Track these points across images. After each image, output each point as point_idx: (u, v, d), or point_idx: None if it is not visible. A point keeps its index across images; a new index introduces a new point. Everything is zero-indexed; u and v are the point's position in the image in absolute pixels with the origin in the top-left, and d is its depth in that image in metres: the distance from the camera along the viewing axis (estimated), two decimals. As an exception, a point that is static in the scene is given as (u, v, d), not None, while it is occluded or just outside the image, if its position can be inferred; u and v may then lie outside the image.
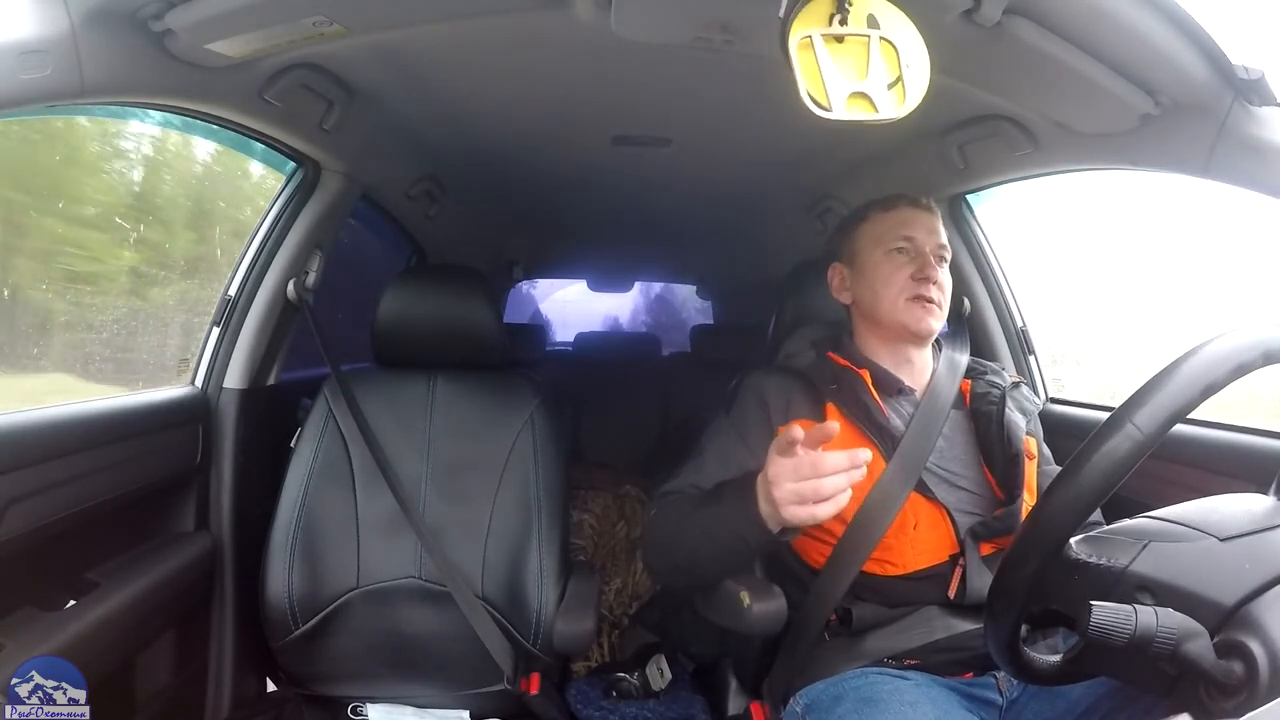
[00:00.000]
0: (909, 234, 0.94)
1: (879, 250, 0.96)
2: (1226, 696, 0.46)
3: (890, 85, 0.61)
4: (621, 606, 1.81)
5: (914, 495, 0.87)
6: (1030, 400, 0.99)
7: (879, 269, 0.95)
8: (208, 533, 1.16)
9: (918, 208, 0.97)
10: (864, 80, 0.61)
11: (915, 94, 0.62)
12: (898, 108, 0.61)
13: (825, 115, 0.60)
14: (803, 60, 0.60)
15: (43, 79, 0.66)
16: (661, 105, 1.17)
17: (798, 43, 0.59)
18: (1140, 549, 0.52)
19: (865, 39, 0.61)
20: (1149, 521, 0.55)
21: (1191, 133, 0.79)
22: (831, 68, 0.60)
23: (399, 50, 0.95)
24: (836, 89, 0.60)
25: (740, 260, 2.48)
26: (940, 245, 0.95)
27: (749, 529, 0.76)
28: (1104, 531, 0.56)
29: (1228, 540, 0.51)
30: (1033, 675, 0.59)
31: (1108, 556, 0.53)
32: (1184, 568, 0.51)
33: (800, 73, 0.60)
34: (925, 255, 0.93)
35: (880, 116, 0.61)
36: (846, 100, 0.60)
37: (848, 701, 0.79)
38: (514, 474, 1.16)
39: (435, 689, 1.12)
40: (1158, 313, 1.60)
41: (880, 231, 0.96)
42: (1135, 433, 0.50)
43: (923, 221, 0.95)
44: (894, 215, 0.96)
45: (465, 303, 1.19)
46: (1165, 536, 0.53)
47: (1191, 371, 0.51)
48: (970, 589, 0.84)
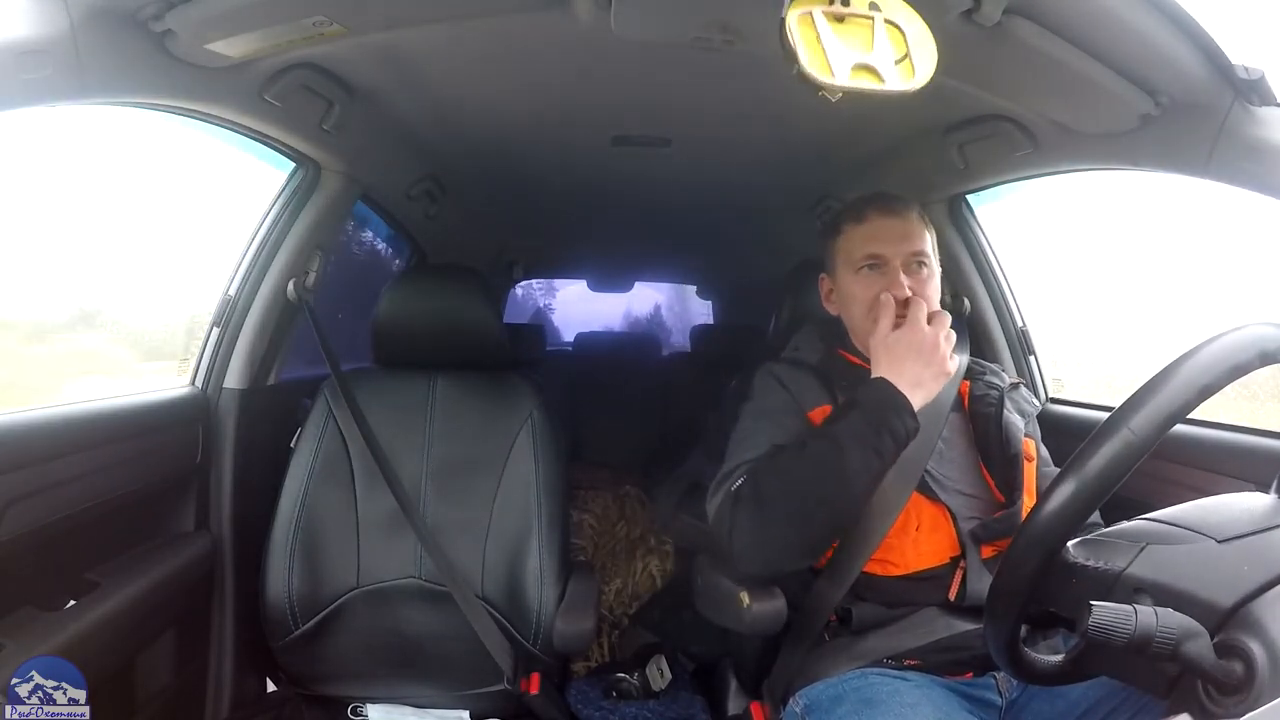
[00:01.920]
0: (875, 250, 0.91)
1: (848, 270, 0.94)
2: (1226, 696, 0.46)
3: (898, 61, 0.59)
4: (621, 606, 1.81)
5: (916, 496, 0.87)
6: (1029, 401, 0.99)
7: (849, 290, 0.94)
8: (208, 533, 1.16)
9: (888, 214, 0.93)
10: (870, 53, 0.58)
11: (925, 69, 0.59)
12: (907, 80, 0.58)
13: (829, 83, 0.56)
14: (803, 34, 0.56)
15: (43, 79, 0.65)
16: (661, 105, 1.17)
17: (798, 18, 0.56)
18: (1138, 552, 0.52)
19: (869, 19, 0.58)
20: (1146, 524, 0.55)
21: (1191, 133, 0.79)
22: (834, 40, 0.57)
23: (399, 50, 0.95)
24: (840, 60, 0.57)
25: (740, 260, 2.48)
26: (914, 252, 0.91)
27: (901, 420, 0.79)
28: (1101, 535, 0.56)
29: (1225, 542, 0.51)
30: (1033, 675, 0.59)
31: (1105, 560, 0.53)
32: (1181, 570, 0.50)
33: (802, 46, 0.56)
34: (894, 269, 0.90)
35: (889, 87, 0.58)
36: (851, 70, 0.57)
37: (848, 702, 0.79)
38: (514, 474, 1.15)
39: (435, 689, 1.12)
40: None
41: (849, 249, 0.94)
42: (1131, 436, 0.50)
43: (892, 231, 0.92)
44: (862, 230, 0.93)
45: (465, 303, 1.19)
46: (1163, 539, 0.53)
47: (1188, 374, 0.51)
48: (970, 591, 0.84)
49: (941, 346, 0.84)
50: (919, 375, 0.82)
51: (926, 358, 0.83)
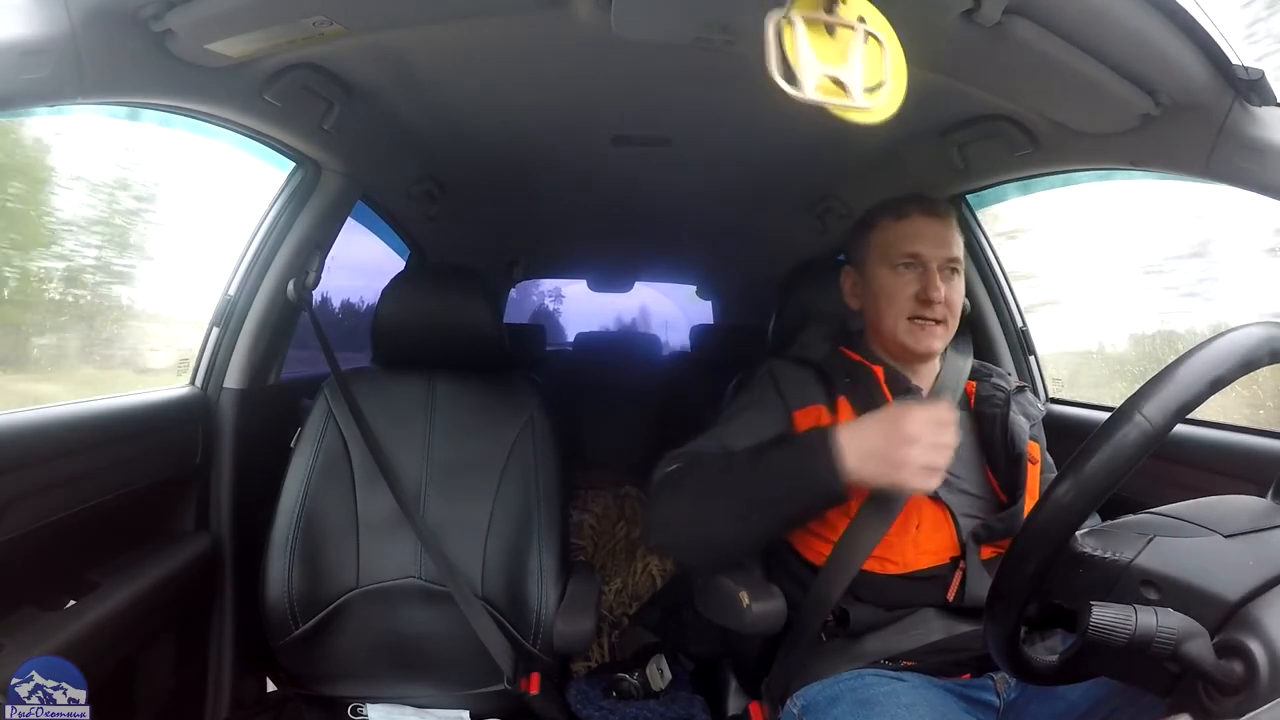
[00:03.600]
0: (915, 250, 0.91)
1: (884, 265, 0.93)
2: (1226, 696, 0.46)
3: (869, 89, 0.59)
4: (621, 606, 1.81)
5: (917, 495, 0.86)
6: (1034, 405, 0.99)
7: (883, 285, 0.93)
8: (208, 533, 1.16)
9: (930, 216, 0.92)
10: (841, 66, 0.58)
11: (891, 102, 0.60)
12: (869, 113, 0.59)
13: (794, 94, 0.58)
14: (786, 39, 0.58)
15: (43, 79, 0.65)
16: (661, 105, 1.17)
17: (776, 22, 0.57)
18: (1145, 543, 0.52)
19: (851, 29, 0.59)
20: (1154, 516, 0.56)
21: (1191, 133, 0.79)
22: (808, 49, 0.58)
23: (399, 50, 0.95)
24: (809, 70, 0.58)
25: (740, 260, 2.48)
26: (950, 258, 0.91)
27: (816, 482, 0.75)
28: (1110, 525, 0.56)
29: (1232, 537, 0.51)
30: (1032, 675, 0.59)
31: (1113, 550, 0.53)
32: (1189, 563, 0.51)
33: (774, 51, 0.57)
34: (932, 273, 0.90)
35: (851, 103, 0.58)
36: (818, 82, 0.58)
37: (844, 703, 0.79)
38: (514, 474, 1.16)
39: (435, 689, 1.12)
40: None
41: (887, 243, 0.93)
42: (1144, 423, 0.50)
43: (933, 233, 0.91)
44: (903, 226, 0.92)
45: (465, 303, 1.19)
46: (1170, 531, 0.53)
47: (1201, 365, 0.51)
48: (969, 592, 0.84)
49: (913, 453, 0.72)
50: (876, 450, 0.74)
51: (891, 446, 0.73)
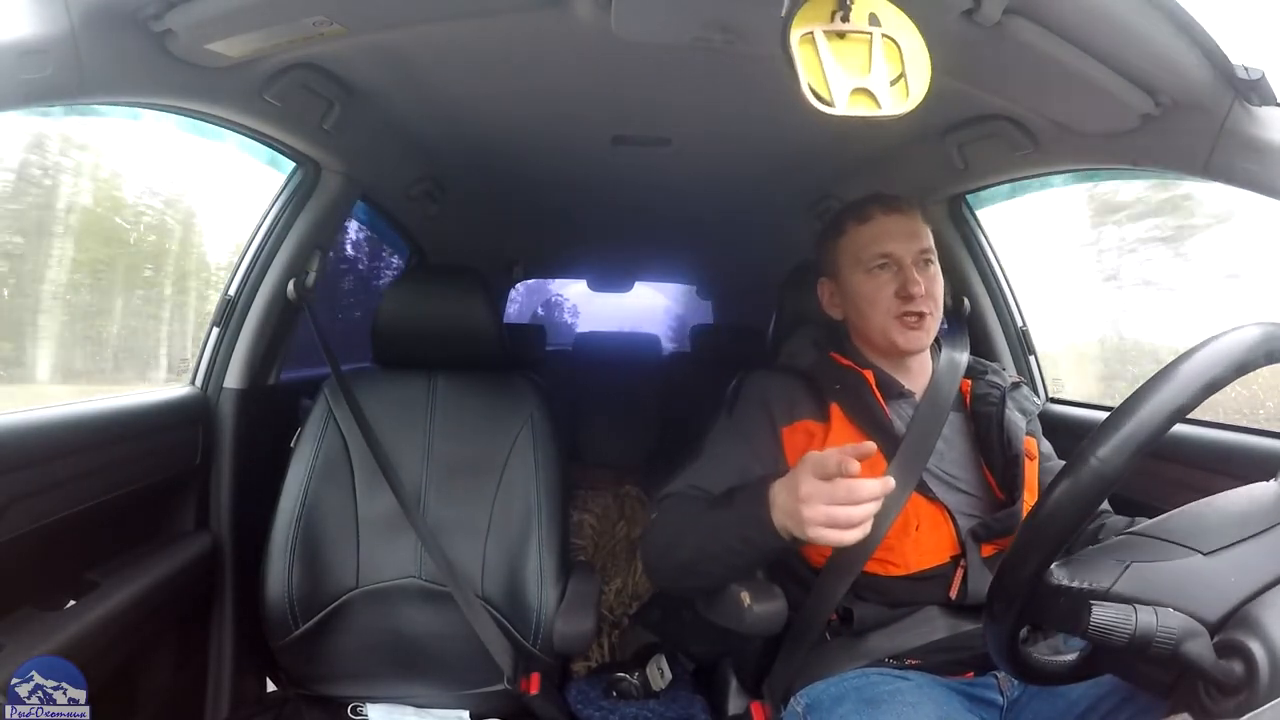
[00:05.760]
0: (886, 249, 0.91)
1: (858, 270, 0.93)
2: (1226, 696, 0.46)
3: (893, 82, 0.61)
4: (621, 606, 1.81)
5: (915, 496, 0.87)
6: (1030, 400, 0.99)
7: (862, 290, 0.93)
8: (208, 533, 1.16)
9: (893, 212, 0.93)
10: (866, 76, 0.60)
11: (918, 90, 0.61)
12: (900, 103, 0.61)
13: (828, 111, 0.59)
14: (804, 55, 0.59)
15: (43, 79, 0.65)
16: (661, 105, 1.17)
17: (799, 38, 0.59)
18: (1122, 570, 0.52)
19: (867, 36, 0.61)
20: (1132, 538, 0.55)
21: (1191, 133, 0.79)
22: (834, 63, 0.60)
23: (399, 50, 0.95)
24: (839, 84, 0.60)
25: (740, 260, 2.48)
26: (922, 250, 0.92)
27: (759, 534, 0.75)
28: (1085, 554, 0.55)
29: (1211, 554, 0.51)
30: (1033, 675, 0.59)
31: (1090, 580, 0.52)
32: (1167, 587, 0.50)
33: (803, 68, 0.59)
34: (907, 268, 0.90)
35: (883, 112, 0.60)
36: (850, 95, 0.60)
37: (849, 701, 0.79)
38: (514, 474, 1.15)
39: (435, 689, 1.12)
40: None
41: (857, 248, 0.93)
42: (1137, 428, 0.50)
43: (900, 229, 0.92)
44: (869, 228, 0.93)
45: (465, 303, 1.19)
46: (1148, 555, 0.53)
47: (1193, 369, 0.51)
48: (971, 590, 0.84)
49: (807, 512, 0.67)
50: (786, 507, 0.71)
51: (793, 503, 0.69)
